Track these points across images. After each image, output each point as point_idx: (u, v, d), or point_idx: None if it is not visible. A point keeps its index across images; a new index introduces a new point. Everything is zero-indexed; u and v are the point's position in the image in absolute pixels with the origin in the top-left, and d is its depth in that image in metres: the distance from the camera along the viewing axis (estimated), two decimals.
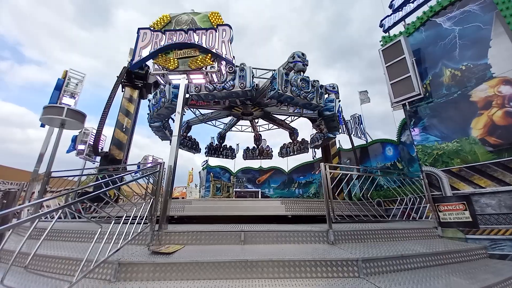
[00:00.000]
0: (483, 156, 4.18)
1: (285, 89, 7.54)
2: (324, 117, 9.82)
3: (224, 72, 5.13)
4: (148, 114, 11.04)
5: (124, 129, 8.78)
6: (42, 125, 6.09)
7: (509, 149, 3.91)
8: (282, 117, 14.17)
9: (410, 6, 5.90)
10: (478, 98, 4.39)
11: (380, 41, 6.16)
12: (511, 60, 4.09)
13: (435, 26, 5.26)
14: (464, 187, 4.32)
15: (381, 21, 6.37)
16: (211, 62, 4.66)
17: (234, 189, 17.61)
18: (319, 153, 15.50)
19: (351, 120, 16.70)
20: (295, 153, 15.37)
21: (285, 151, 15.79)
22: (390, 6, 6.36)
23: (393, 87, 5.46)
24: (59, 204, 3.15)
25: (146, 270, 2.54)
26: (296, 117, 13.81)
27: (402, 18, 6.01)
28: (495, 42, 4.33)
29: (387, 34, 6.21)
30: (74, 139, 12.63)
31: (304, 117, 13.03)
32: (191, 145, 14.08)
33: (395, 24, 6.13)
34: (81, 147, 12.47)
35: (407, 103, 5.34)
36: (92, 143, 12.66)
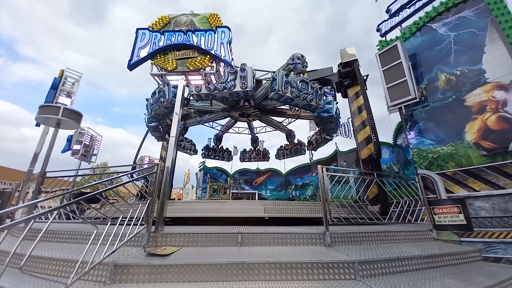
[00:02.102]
0: (477, 159, 4.24)
1: (285, 90, 7.61)
2: (322, 118, 9.90)
3: (222, 73, 5.13)
4: (145, 114, 11.00)
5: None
6: (38, 125, 6.02)
7: (502, 153, 3.97)
8: (279, 119, 14.21)
9: (407, 12, 5.99)
10: (473, 102, 4.46)
11: (377, 45, 6.24)
12: (505, 66, 4.17)
13: (431, 32, 5.35)
14: (459, 190, 4.37)
15: (378, 25, 6.46)
16: (209, 64, 4.67)
17: (231, 191, 17.56)
18: (316, 155, 15.58)
19: (347, 123, 16.79)
20: (292, 155, 15.44)
21: (281, 153, 15.84)
22: (387, 11, 6.46)
23: (390, 90, 5.53)
24: (53, 206, 3.11)
25: (142, 272, 2.52)
26: (293, 119, 13.88)
27: (399, 23, 6.10)
28: (490, 48, 4.41)
29: (384, 38, 6.29)
30: (70, 139, 12.53)
31: (303, 119, 13.08)
32: (188, 147, 14.08)
33: (391, 29, 6.22)
34: (76, 147, 12.39)
35: (403, 107, 5.40)
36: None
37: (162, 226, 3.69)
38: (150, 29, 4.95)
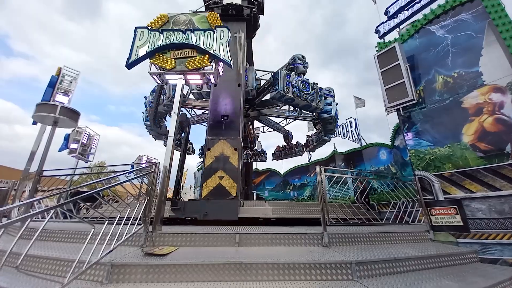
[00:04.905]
0: (473, 161, 4.27)
1: (287, 90, 7.73)
2: (322, 119, 10.00)
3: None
4: (143, 112, 10.93)
5: None
6: (34, 123, 5.97)
7: (499, 155, 4.00)
8: (277, 120, 14.26)
9: (405, 14, 6.02)
10: (470, 104, 4.49)
11: (376, 47, 6.26)
12: (502, 68, 4.21)
13: (429, 34, 5.38)
14: (456, 192, 4.40)
15: (377, 27, 6.48)
16: (208, 63, 4.66)
17: None
18: (314, 155, 15.63)
19: (345, 124, 16.86)
20: (289, 156, 15.59)
21: (279, 154, 15.94)
22: (386, 13, 6.49)
23: (388, 92, 5.55)
24: (49, 205, 3.09)
25: (139, 271, 2.51)
26: (292, 120, 13.95)
27: (397, 25, 6.13)
28: (487, 51, 4.45)
29: (382, 40, 6.32)
30: (67, 138, 12.43)
31: (301, 120, 13.15)
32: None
33: (390, 30, 6.25)
34: (73, 145, 12.29)
35: (401, 108, 5.43)
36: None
37: (159, 226, 3.67)
38: (149, 27, 4.93)
